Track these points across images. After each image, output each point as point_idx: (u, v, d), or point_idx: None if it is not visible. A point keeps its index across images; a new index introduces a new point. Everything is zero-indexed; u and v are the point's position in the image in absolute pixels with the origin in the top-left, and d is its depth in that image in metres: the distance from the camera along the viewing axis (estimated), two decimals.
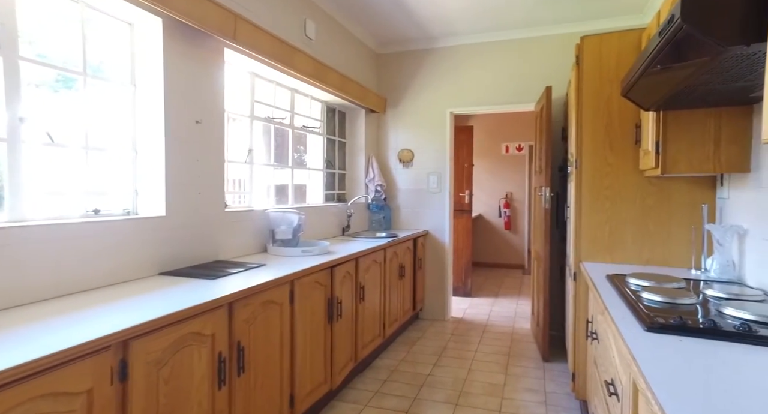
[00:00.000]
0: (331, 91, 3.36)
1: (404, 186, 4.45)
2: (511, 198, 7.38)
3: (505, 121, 7.23)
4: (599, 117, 2.36)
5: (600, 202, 2.37)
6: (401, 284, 3.72)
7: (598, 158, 2.37)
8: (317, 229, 3.39)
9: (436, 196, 4.33)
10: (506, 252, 7.37)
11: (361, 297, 2.87)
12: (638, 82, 1.70)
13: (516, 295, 5.45)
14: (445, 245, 4.32)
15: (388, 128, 4.49)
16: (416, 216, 4.40)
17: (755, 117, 1.82)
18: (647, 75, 1.58)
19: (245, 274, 2.01)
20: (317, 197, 3.75)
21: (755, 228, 1.80)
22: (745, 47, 1.11)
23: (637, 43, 2.28)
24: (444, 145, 4.30)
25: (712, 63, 1.25)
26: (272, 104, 3.08)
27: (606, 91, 2.34)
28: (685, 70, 1.37)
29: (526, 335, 3.88)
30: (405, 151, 4.43)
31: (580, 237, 2.41)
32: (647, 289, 1.60)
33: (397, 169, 4.47)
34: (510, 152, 7.31)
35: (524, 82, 3.99)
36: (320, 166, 3.78)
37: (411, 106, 4.39)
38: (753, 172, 1.82)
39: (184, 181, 2.13)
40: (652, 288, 1.62)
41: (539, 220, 3.54)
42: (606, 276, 1.97)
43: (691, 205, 2.22)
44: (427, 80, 4.32)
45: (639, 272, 1.90)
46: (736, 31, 1.10)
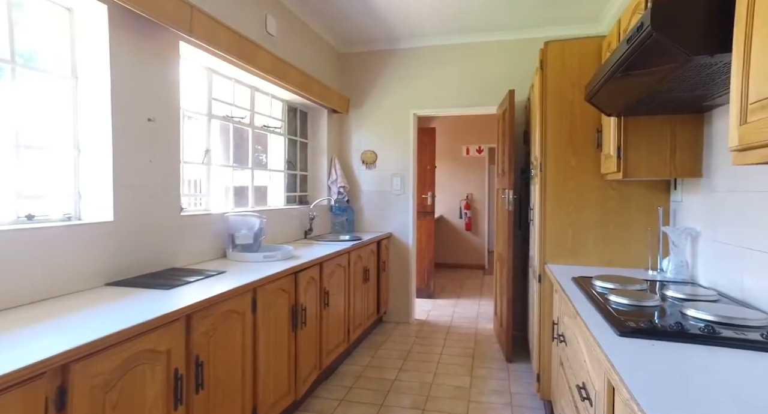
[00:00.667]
0: (293, 89, 3.25)
1: (367, 188, 4.39)
2: (472, 199, 7.50)
3: (466, 123, 7.33)
4: (563, 121, 2.40)
5: (564, 205, 2.41)
6: (366, 288, 3.66)
7: (561, 162, 2.41)
8: (279, 232, 3.27)
9: (400, 197, 4.31)
10: (467, 253, 7.47)
11: (325, 302, 2.78)
12: (603, 88, 1.73)
13: (477, 295, 5.52)
14: (409, 247, 4.30)
15: (351, 129, 4.42)
16: (380, 218, 4.36)
17: (706, 125, 1.90)
18: (612, 81, 1.60)
19: (204, 282, 1.89)
20: (278, 199, 3.63)
21: (706, 230, 1.88)
22: (708, 57, 1.14)
23: (598, 49, 2.34)
24: (407, 147, 4.28)
25: (677, 71, 1.27)
26: (231, 102, 2.94)
27: (569, 96, 2.39)
28: (650, 77, 1.40)
29: (489, 336, 3.92)
30: (368, 153, 4.38)
31: (545, 239, 2.44)
32: (613, 291, 1.63)
33: (360, 171, 4.41)
34: (470, 154, 7.42)
35: (486, 85, 4.04)
36: (281, 167, 3.66)
37: (374, 107, 4.34)
38: (704, 178, 1.90)
39: (135, 183, 1.98)
40: (618, 291, 1.65)
41: (502, 221, 3.58)
42: (572, 278, 2.00)
43: (647, 208, 2.30)
44: (391, 81, 4.29)
45: (603, 274, 1.93)
46: (701, 42, 1.12)
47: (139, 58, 1.99)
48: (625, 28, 1.89)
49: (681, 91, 1.49)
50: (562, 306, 1.91)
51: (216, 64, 2.63)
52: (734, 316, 1.28)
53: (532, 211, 2.86)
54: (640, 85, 1.51)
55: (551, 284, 2.43)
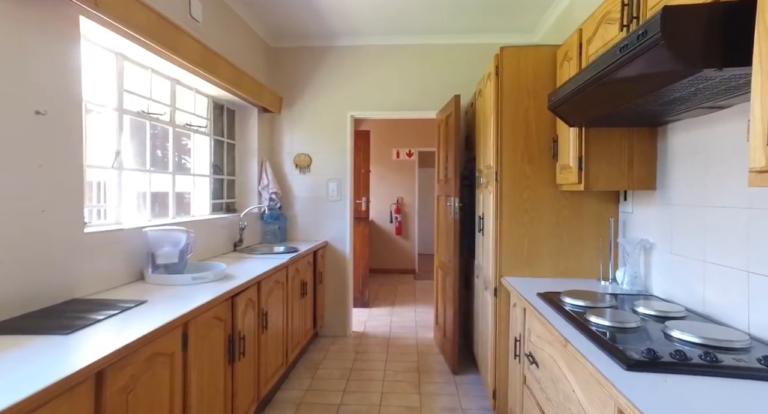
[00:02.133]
0: (222, 84, 2.87)
1: (301, 193, 4.09)
2: (402, 203, 7.45)
3: (397, 126, 7.26)
4: (518, 130, 2.34)
5: (520, 215, 2.35)
6: (303, 303, 3.37)
7: (517, 171, 2.35)
8: (206, 246, 2.87)
9: (337, 204, 4.07)
10: (398, 257, 7.40)
11: (264, 325, 2.47)
12: (574, 98, 1.66)
13: (412, 302, 5.44)
14: (346, 256, 4.08)
15: (283, 130, 4.09)
16: (315, 226, 4.08)
17: (660, 139, 1.93)
18: (589, 91, 1.53)
19: (119, 319, 1.51)
20: (203, 208, 3.20)
21: (661, 242, 1.90)
22: (716, 70, 1.08)
23: (552, 58, 2.31)
24: (344, 150, 4.05)
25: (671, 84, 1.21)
26: (148, 96, 2.50)
27: (524, 104, 2.34)
28: (637, 88, 1.33)
29: (431, 346, 3.83)
30: (302, 156, 4.08)
31: (500, 252, 2.36)
32: (590, 311, 1.56)
33: (293, 176, 4.10)
34: (401, 157, 7.37)
35: (427, 89, 3.95)
36: (207, 171, 3.24)
37: (309, 108, 4.06)
38: (659, 190, 1.93)
39: (17, 195, 1.54)
40: (594, 310, 1.58)
41: (445, 229, 3.50)
42: (538, 294, 1.92)
43: (598, 219, 2.32)
44: (327, 80, 4.03)
45: (570, 290, 1.88)
46: (712, 54, 1.05)
47: (22, 32, 1.55)
48: (589, 38, 1.85)
49: (659, 104, 1.45)
50: (533, 325, 1.82)
51: (129, 49, 2.20)
52: (719, 338, 1.25)
53: (481, 220, 2.79)
54: (622, 96, 1.45)
55: (508, 298, 2.35)
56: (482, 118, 2.80)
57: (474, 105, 3.26)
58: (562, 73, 2.18)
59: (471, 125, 3.41)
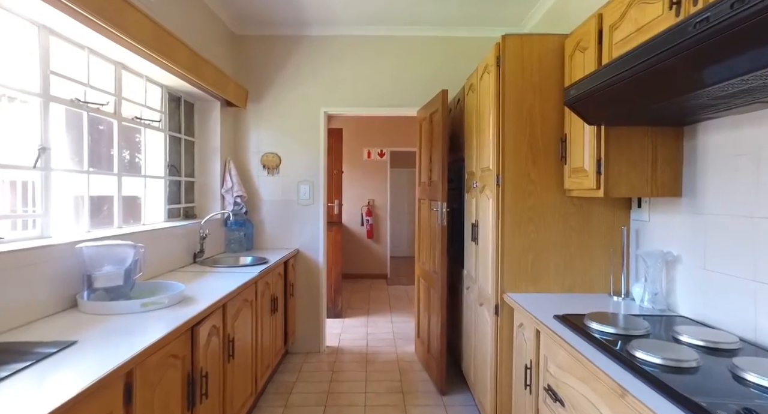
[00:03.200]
0: (179, 71, 2.47)
1: (269, 196, 3.71)
2: (373, 205, 7.15)
3: (368, 125, 6.95)
4: (522, 128, 2.09)
5: (524, 224, 2.10)
6: (274, 320, 3.01)
7: (520, 175, 2.10)
8: (160, 259, 2.46)
9: (309, 208, 3.72)
10: (369, 262, 7.09)
11: (230, 354, 2.10)
12: (602, 92, 1.42)
13: (387, 310, 5.15)
14: (319, 265, 3.73)
15: (249, 127, 3.70)
16: (284, 232, 3.71)
17: (687, 139, 1.72)
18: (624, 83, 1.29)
19: (30, 375, 1.13)
20: (157, 214, 2.78)
21: (690, 256, 1.69)
22: None
23: (559, 48, 2.07)
24: (317, 150, 3.71)
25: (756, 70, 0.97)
26: (84, 81, 2.08)
27: (528, 99, 2.09)
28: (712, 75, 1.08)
29: (413, 361, 3.54)
30: (270, 156, 3.70)
31: (502, 266, 2.10)
32: (628, 341, 1.31)
33: (260, 177, 3.71)
34: (372, 157, 7.06)
35: (407, 85, 3.66)
36: (162, 172, 2.81)
37: (278, 102, 3.68)
38: (686, 197, 1.72)
39: None
40: (634, 340, 1.34)
41: (429, 236, 3.23)
42: (556, 317, 1.66)
43: (607, 227, 2.10)
44: (299, 73, 3.67)
45: (594, 313, 1.63)
46: None
47: None
48: (614, 23, 1.62)
49: (715, 98, 1.22)
50: (553, 353, 1.56)
51: (57, 22, 1.78)
52: None
53: (475, 227, 2.53)
54: (671, 89, 1.21)
55: (511, 316, 2.10)
56: (475, 115, 2.55)
57: (462, 102, 3.00)
58: (574, 64, 1.94)
59: (457, 124, 3.15)
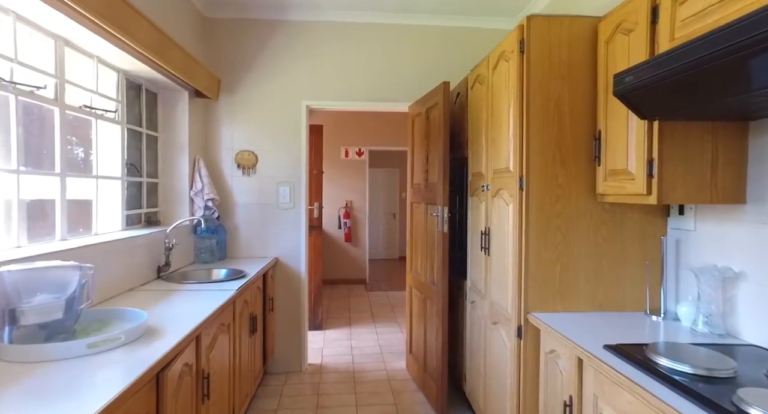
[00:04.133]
0: (138, 51, 2.07)
1: (245, 199, 3.33)
2: (351, 207, 6.81)
3: (346, 122, 6.60)
4: (548, 124, 1.82)
5: (550, 234, 1.83)
6: (252, 342, 2.64)
7: (548, 177, 1.83)
8: (117, 276, 2.05)
9: (289, 212, 3.35)
10: (348, 266, 6.75)
11: (205, 394, 1.73)
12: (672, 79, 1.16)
13: (370, 319, 4.83)
14: (301, 276, 3.37)
15: (222, 121, 3.29)
16: (261, 239, 3.34)
17: (753, 136, 1.49)
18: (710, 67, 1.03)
19: None
20: (114, 222, 2.36)
21: (757, 273, 1.46)
22: None
23: (591, 32, 1.82)
24: (299, 148, 3.35)
25: None
26: (11, 56, 1.66)
27: (556, 90, 1.82)
28: None
29: (405, 380, 3.24)
30: (246, 154, 3.31)
31: (526, 281, 1.83)
32: (723, 384, 1.06)
33: (234, 178, 3.32)
34: (350, 157, 6.72)
35: (398, 77, 3.36)
36: (118, 172, 2.39)
37: (255, 94, 3.30)
38: (752, 204, 1.49)
39: None
40: (731, 383, 1.08)
41: (422, 242, 2.93)
42: (608, 348, 1.40)
43: (642, 237, 1.86)
44: (278, 62, 3.30)
45: (655, 343, 1.37)
46: None
47: None
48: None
49: None
50: (609, 393, 1.29)
51: None
52: None
53: (485, 236, 2.26)
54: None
55: (536, 339, 1.83)
56: (485, 110, 2.27)
57: (463, 96, 2.73)
58: (613, 49, 1.69)
59: (457, 121, 2.87)
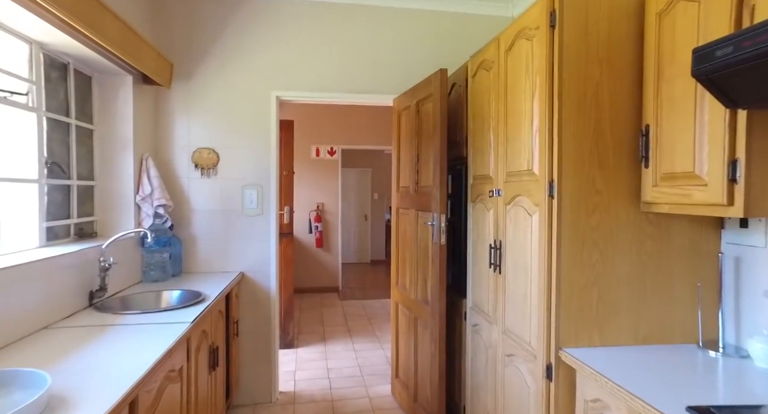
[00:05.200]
0: (60, 15, 1.58)
1: (204, 205, 2.85)
2: (323, 210, 6.36)
3: (317, 118, 6.15)
4: (584, 116, 1.49)
5: (586, 252, 1.49)
6: (213, 378, 2.18)
7: (583, 183, 1.49)
8: (25, 311, 1.56)
9: (256, 220, 2.90)
10: (319, 273, 6.30)
11: None
12: None
13: (345, 333, 4.42)
14: (271, 293, 2.93)
15: (175, 114, 2.81)
16: (224, 251, 2.87)
17: None
18: None
19: None
20: (27, 236, 1.85)
21: None
22: None
23: (636, 7, 1.49)
24: (267, 145, 2.91)
25: None
26: None
27: (594, 75, 1.49)
28: None
29: (392, 409, 2.86)
30: (205, 152, 2.84)
31: (558, 308, 1.48)
32: None
33: (192, 180, 2.84)
34: (321, 156, 6.27)
35: (383, 67, 2.98)
36: (35, 172, 1.88)
37: (215, 83, 2.83)
38: None
39: None
40: None
41: (412, 254, 2.56)
42: (692, 410, 1.06)
43: (693, 253, 1.56)
44: (242, 45, 2.85)
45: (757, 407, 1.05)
46: None
47: None
48: None
49: None
50: None
51: None
52: None
53: (496, 251, 1.90)
54: None
55: (569, 381, 1.49)
56: (494, 101, 1.92)
57: (460, 87, 2.37)
58: (673, 22, 1.36)
59: (452, 116, 2.52)
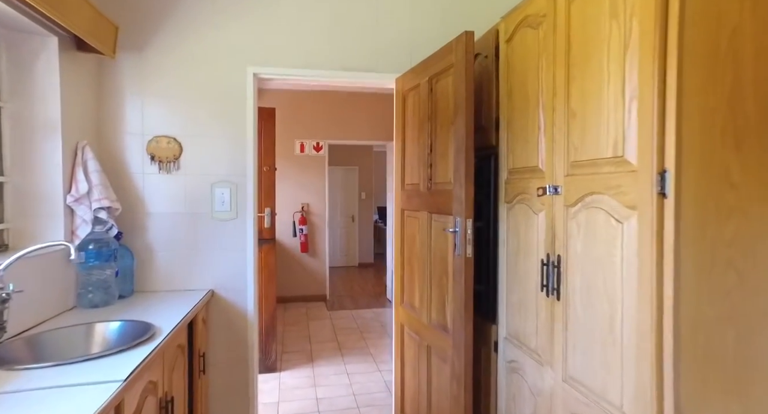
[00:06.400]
0: None
1: (163, 207, 2.29)
2: (308, 211, 5.81)
3: (302, 110, 5.59)
4: (716, 77, 1.00)
5: (717, 275, 1.00)
6: None
7: (713, 175, 1.00)
8: None
9: (230, 225, 2.35)
10: (304, 281, 5.74)
11: None
12: None
13: (336, 352, 3.89)
14: (248, 314, 2.38)
15: (124, 92, 2.23)
16: (189, 264, 2.31)
17: None
18: None
19: None
20: None
21: None
22: None
23: None
24: (243, 134, 2.36)
25: None
26: None
27: (731, 17, 1.00)
28: None
29: None
30: (164, 142, 2.28)
31: (676, 358, 0.99)
32: None
33: (147, 176, 2.27)
34: (306, 151, 5.71)
35: (381, 39, 2.46)
36: None
37: (176, 54, 2.27)
38: None
39: None
40: None
41: (422, 267, 2.05)
42: None
43: None
44: (210, 8, 2.29)
45: None
46: None
47: None
48: None
49: None
50: None
51: None
52: None
53: (554, 269, 1.40)
54: None
55: None
56: (545, 68, 1.42)
57: (487, 57, 1.87)
58: None
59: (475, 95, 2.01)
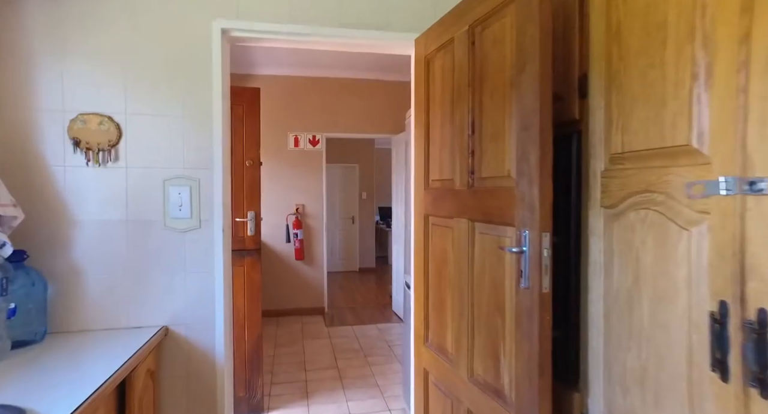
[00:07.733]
0: None
1: (93, 213, 1.64)
2: (304, 213, 5.16)
3: (296, 98, 4.94)
4: None
5: None
6: None
7: None
8: None
9: (190, 236, 1.71)
10: (300, 292, 5.09)
11: None
12: None
13: (336, 381, 3.24)
14: (215, 356, 1.73)
15: (35, 50, 1.59)
16: (132, 290, 1.67)
17: None
18: None
19: None
20: None
21: None
22: None
23: None
24: (208, 113, 1.72)
25: None
26: None
27: None
28: None
29: None
30: (95, 122, 1.63)
31: None
32: None
33: (70, 169, 1.62)
34: (301, 146, 5.06)
35: None
36: None
37: (112, 1, 1.62)
38: None
39: None
40: None
41: (461, 299, 1.40)
42: None
43: None
44: None
45: None
46: None
47: None
48: None
49: None
50: None
51: None
52: None
53: (743, 333, 0.76)
54: None
55: None
56: None
57: None
58: None
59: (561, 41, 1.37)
